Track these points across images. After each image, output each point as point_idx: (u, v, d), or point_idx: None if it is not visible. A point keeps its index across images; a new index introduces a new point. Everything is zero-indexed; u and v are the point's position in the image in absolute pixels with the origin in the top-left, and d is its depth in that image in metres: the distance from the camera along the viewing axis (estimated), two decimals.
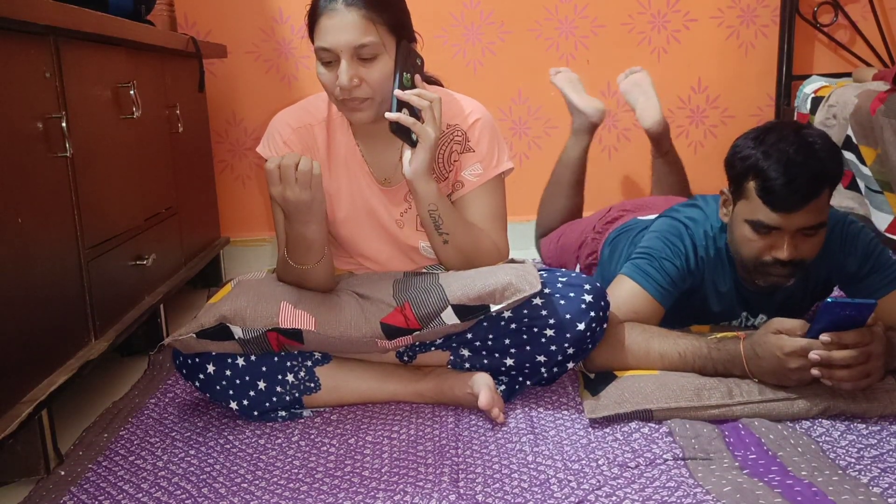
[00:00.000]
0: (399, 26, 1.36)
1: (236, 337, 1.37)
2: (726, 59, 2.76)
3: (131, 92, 1.71)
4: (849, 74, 2.64)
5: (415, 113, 1.35)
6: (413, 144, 1.36)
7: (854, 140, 2.19)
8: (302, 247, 1.38)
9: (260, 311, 1.37)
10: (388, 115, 1.33)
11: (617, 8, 2.70)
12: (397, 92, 1.34)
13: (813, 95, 2.49)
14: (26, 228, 1.28)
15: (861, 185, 2.23)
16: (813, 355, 1.28)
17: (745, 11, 2.73)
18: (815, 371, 1.29)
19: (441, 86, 1.54)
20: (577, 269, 2.03)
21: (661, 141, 2.33)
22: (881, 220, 2.15)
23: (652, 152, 2.39)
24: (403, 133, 1.35)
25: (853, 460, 1.21)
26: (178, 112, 2.09)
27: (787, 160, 1.36)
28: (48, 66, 1.38)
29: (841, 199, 2.32)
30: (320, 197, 1.31)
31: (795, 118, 2.55)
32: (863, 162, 2.17)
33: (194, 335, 1.38)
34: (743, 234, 1.45)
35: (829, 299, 1.25)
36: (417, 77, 1.39)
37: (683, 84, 2.77)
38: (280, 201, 1.31)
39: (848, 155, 2.24)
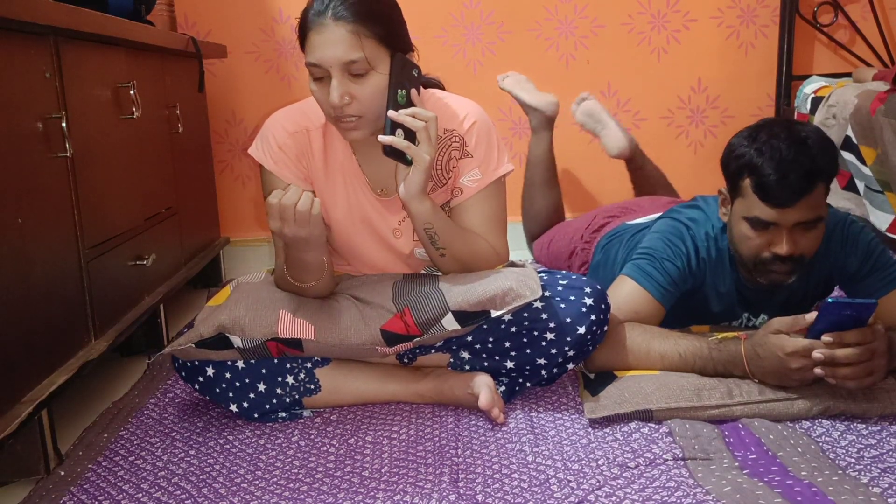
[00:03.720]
0: (392, 38, 1.31)
1: (235, 346, 1.37)
2: (726, 59, 2.76)
3: (131, 92, 1.71)
4: (849, 74, 2.64)
5: (411, 132, 1.31)
6: (408, 164, 1.31)
7: (854, 140, 2.19)
8: (300, 268, 1.38)
9: (259, 320, 1.36)
10: (381, 138, 1.28)
11: (617, 8, 2.70)
12: (391, 113, 1.28)
13: (813, 95, 2.49)
14: (26, 228, 1.28)
15: (860, 185, 2.23)
16: (816, 354, 1.28)
17: (745, 11, 2.73)
18: (818, 370, 1.29)
19: (442, 88, 1.52)
20: None
21: (633, 159, 2.37)
22: (882, 220, 2.15)
23: (627, 167, 2.42)
24: (397, 154, 1.30)
25: (853, 460, 1.21)
26: (178, 112, 2.09)
27: (780, 156, 1.38)
28: (48, 66, 1.38)
29: (838, 199, 2.32)
30: (318, 232, 1.28)
31: (795, 118, 2.55)
32: (863, 162, 2.17)
33: (193, 345, 1.37)
34: (741, 231, 1.46)
35: (829, 299, 1.25)
36: (413, 92, 1.33)
37: (683, 84, 2.77)
38: (278, 235, 1.30)
39: (847, 155, 2.24)
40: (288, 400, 1.44)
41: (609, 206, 2.11)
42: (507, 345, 1.42)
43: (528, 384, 1.47)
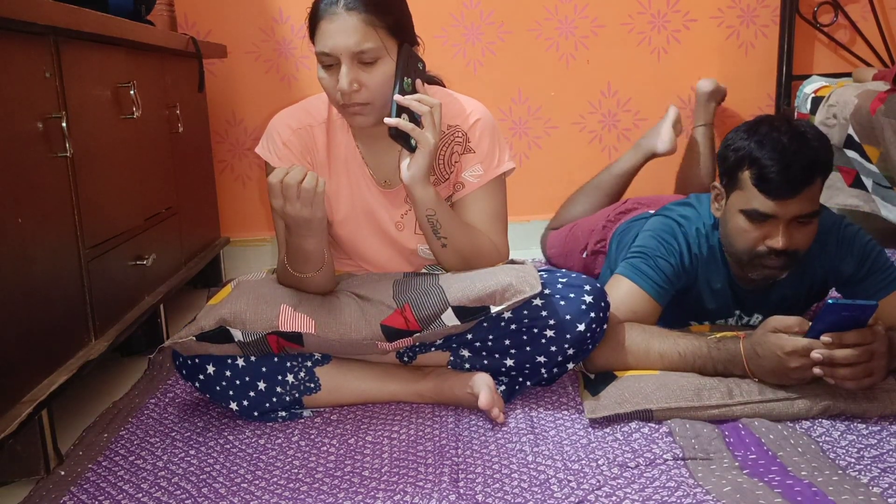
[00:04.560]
0: (400, 30, 1.36)
1: (236, 340, 1.37)
2: (726, 59, 2.76)
3: (131, 92, 1.71)
4: (849, 74, 2.65)
5: (415, 118, 1.35)
6: (412, 150, 1.35)
7: (857, 139, 2.20)
8: (300, 257, 1.38)
9: (260, 313, 1.36)
10: (387, 120, 1.33)
11: (617, 8, 2.70)
12: (397, 97, 1.33)
13: (813, 95, 2.49)
14: (26, 228, 1.28)
15: (868, 182, 2.23)
16: (815, 354, 1.28)
17: (745, 11, 2.73)
18: (817, 370, 1.29)
19: (443, 86, 1.54)
20: (584, 255, 2.02)
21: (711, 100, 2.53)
22: (895, 214, 2.16)
23: (695, 118, 2.50)
24: (402, 138, 1.34)
25: (853, 460, 1.21)
26: (178, 112, 2.09)
27: (782, 148, 1.39)
28: (48, 66, 1.38)
29: (846, 197, 2.32)
30: (321, 214, 1.30)
31: (796, 118, 2.55)
32: (868, 160, 2.17)
33: (194, 338, 1.37)
34: (737, 224, 1.46)
35: (829, 300, 1.25)
36: (419, 81, 1.38)
37: (683, 84, 2.77)
38: (280, 214, 1.30)
39: (851, 154, 2.24)
40: (288, 398, 1.44)
41: (640, 197, 2.11)
42: (507, 343, 1.42)
43: (528, 383, 1.47)
